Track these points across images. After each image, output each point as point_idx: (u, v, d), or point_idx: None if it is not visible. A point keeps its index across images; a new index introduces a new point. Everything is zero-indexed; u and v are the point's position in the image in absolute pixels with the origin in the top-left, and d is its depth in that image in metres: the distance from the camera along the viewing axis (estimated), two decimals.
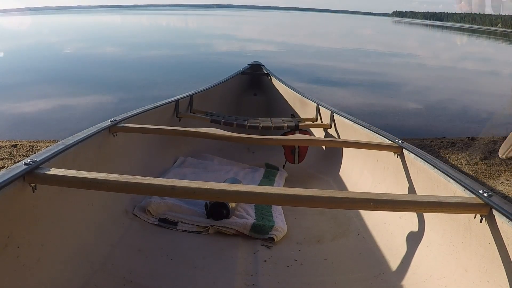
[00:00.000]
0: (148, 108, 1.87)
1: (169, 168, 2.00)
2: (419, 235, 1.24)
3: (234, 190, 0.98)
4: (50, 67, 8.47)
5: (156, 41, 16.12)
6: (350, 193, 1.19)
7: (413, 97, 6.47)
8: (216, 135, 1.68)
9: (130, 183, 0.98)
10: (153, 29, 26.72)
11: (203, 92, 2.54)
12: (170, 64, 9.38)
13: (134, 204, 1.57)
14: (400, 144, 1.49)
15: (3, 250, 0.91)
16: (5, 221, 0.92)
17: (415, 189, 1.36)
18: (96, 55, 10.88)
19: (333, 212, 1.67)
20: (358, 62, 11.09)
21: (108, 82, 6.85)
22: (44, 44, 13.93)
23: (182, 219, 1.51)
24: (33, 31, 21.88)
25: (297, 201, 0.99)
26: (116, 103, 5.28)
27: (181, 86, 6.12)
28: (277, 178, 2.07)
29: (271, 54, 12.08)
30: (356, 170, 1.91)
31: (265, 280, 1.23)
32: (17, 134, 3.60)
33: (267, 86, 3.15)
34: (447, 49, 20.85)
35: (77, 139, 1.28)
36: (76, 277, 1.09)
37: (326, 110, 2.25)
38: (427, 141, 3.68)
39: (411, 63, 11.69)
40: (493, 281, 0.90)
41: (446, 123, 4.93)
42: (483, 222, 0.95)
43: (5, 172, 0.95)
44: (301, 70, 8.85)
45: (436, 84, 8.09)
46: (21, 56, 10.41)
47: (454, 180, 1.11)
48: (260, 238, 1.45)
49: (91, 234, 1.26)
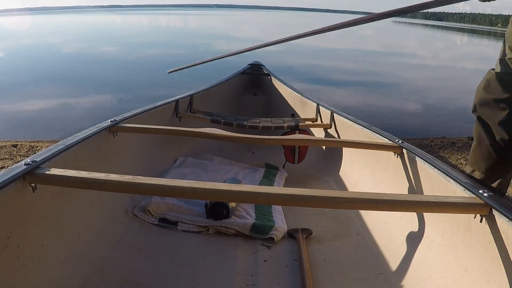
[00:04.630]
0: (148, 108, 1.87)
1: (169, 168, 2.00)
2: (419, 235, 1.24)
3: (234, 190, 0.98)
4: (50, 67, 8.47)
5: (156, 41, 16.12)
6: (350, 193, 1.19)
7: (413, 97, 6.48)
8: (216, 135, 1.68)
9: (130, 183, 0.98)
10: (153, 29, 26.74)
11: (203, 92, 2.54)
12: (170, 64, 9.36)
13: (134, 204, 1.57)
14: (400, 144, 1.49)
15: (3, 250, 0.91)
16: (5, 221, 0.92)
17: (415, 189, 1.36)
18: (96, 55, 10.89)
19: (333, 212, 1.67)
20: (358, 62, 11.10)
21: (108, 82, 6.86)
22: (44, 44, 13.94)
23: (182, 219, 1.51)
24: (33, 31, 21.89)
25: (297, 201, 0.99)
26: (115, 103, 5.29)
27: (181, 86, 6.12)
28: (277, 178, 2.07)
29: (271, 54, 12.07)
30: (356, 170, 1.91)
31: (265, 280, 1.23)
32: (17, 134, 3.60)
33: (267, 86, 3.15)
34: (447, 49, 20.86)
35: (77, 139, 1.28)
36: (76, 277, 1.09)
37: (326, 110, 2.25)
38: (427, 141, 3.68)
39: (411, 63, 11.69)
40: (493, 281, 0.90)
41: (446, 123, 4.93)
42: (483, 222, 0.95)
43: (5, 172, 0.95)
44: (301, 70, 8.86)
45: (436, 84, 8.10)
46: (21, 56, 10.42)
47: (454, 180, 1.11)
48: (260, 238, 1.45)
49: (91, 234, 1.26)
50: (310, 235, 1.48)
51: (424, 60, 12.46)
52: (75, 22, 35.20)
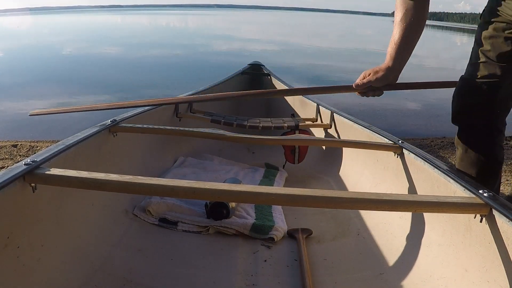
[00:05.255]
0: (148, 108, 1.87)
1: (169, 168, 2.00)
2: (419, 235, 1.24)
3: (234, 190, 0.98)
4: (50, 67, 8.48)
5: (156, 41, 16.12)
6: (350, 193, 1.19)
7: (413, 97, 6.47)
8: (216, 135, 1.68)
9: (130, 183, 0.98)
10: (153, 29, 26.73)
11: (203, 92, 2.54)
12: (170, 64, 9.38)
13: (134, 204, 1.57)
14: (400, 144, 1.49)
15: (3, 250, 0.91)
16: (5, 221, 0.92)
17: (415, 189, 1.36)
18: (96, 55, 10.89)
19: (333, 212, 1.67)
20: (358, 62, 11.09)
21: (108, 82, 6.85)
22: (44, 44, 13.94)
23: (182, 219, 1.51)
24: (33, 31, 21.89)
25: (297, 201, 0.99)
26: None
27: (181, 86, 6.12)
28: (277, 178, 2.07)
29: (271, 54, 12.08)
30: (356, 170, 1.91)
31: (265, 280, 1.23)
32: (17, 134, 3.60)
33: (267, 86, 3.15)
34: (447, 48, 20.85)
35: (77, 139, 1.28)
36: (76, 277, 1.09)
37: (326, 110, 2.25)
38: (427, 141, 3.68)
39: (410, 62, 11.68)
40: (493, 281, 0.90)
41: (446, 123, 4.90)
42: (483, 222, 0.95)
43: (5, 172, 0.95)
44: (301, 70, 8.85)
45: None
46: (21, 56, 10.42)
47: (454, 180, 1.11)
48: (260, 238, 1.45)
49: (91, 234, 1.26)
50: (310, 235, 1.48)
51: (424, 60, 12.44)
52: (75, 22, 35.19)
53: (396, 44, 1.41)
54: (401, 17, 1.39)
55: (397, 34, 1.40)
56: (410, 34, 1.39)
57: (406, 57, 1.44)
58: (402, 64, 1.46)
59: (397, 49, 1.41)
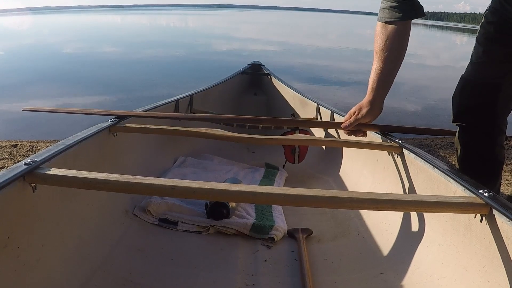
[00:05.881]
0: (148, 108, 1.87)
1: (169, 168, 2.00)
2: (419, 235, 1.24)
3: (234, 190, 0.98)
4: (50, 67, 8.48)
5: (156, 41, 16.12)
6: (350, 193, 1.19)
7: (413, 97, 6.47)
8: (216, 135, 1.68)
9: (130, 183, 0.98)
10: (153, 29, 26.73)
11: (203, 92, 2.54)
12: (170, 64, 9.38)
13: (134, 204, 1.57)
14: (400, 144, 1.49)
15: (3, 250, 0.91)
16: (5, 221, 0.92)
17: (415, 189, 1.36)
18: (96, 55, 10.89)
19: (333, 212, 1.67)
20: (358, 62, 11.09)
21: (108, 82, 6.85)
22: (44, 44, 13.94)
23: (182, 219, 1.51)
24: (34, 31, 21.89)
25: (297, 201, 0.99)
26: (115, 103, 5.29)
27: (181, 86, 6.12)
28: (277, 178, 2.07)
29: (271, 54, 12.08)
30: (356, 170, 1.91)
31: (265, 280, 1.23)
32: (17, 134, 3.60)
33: (267, 86, 3.15)
34: (447, 48, 20.85)
35: (77, 139, 1.28)
36: (76, 277, 1.09)
37: (326, 110, 2.25)
38: (427, 141, 3.67)
39: (411, 62, 11.68)
40: (493, 281, 0.90)
41: (446, 123, 4.90)
42: (483, 222, 0.95)
43: (5, 172, 0.95)
44: (301, 70, 8.85)
45: (436, 84, 8.09)
46: (21, 56, 10.42)
47: (454, 180, 1.11)
48: (260, 238, 1.45)
49: (91, 234, 1.26)
50: (310, 235, 1.48)
51: (424, 60, 12.45)
52: (75, 22, 35.19)
53: (378, 75, 1.39)
54: (382, 46, 1.36)
55: (378, 64, 1.38)
56: (391, 64, 1.37)
57: (388, 86, 1.43)
58: (384, 94, 1.44)
59: (378, 81, 1.40)
